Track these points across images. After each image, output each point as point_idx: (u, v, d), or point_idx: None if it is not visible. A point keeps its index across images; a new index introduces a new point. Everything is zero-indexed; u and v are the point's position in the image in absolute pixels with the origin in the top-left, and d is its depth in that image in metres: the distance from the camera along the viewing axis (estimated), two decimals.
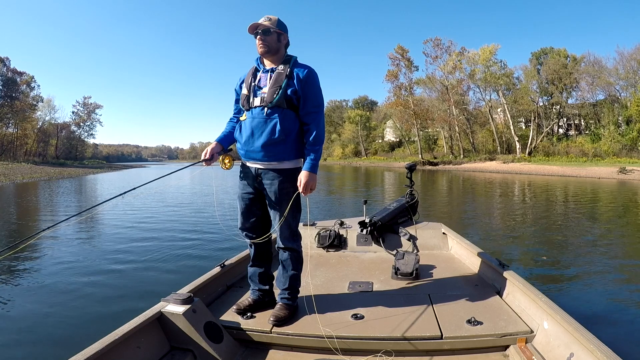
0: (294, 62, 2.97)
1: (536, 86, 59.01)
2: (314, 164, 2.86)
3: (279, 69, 2.91)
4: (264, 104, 2.85)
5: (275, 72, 2.91)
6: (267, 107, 2.84)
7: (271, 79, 2.89)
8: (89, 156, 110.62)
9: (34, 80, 78.11)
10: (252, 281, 3.16)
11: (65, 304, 5.40)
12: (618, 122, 50.16)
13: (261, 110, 2.86)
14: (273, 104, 2.82)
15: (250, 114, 2.91)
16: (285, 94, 2.83)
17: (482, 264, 3.86)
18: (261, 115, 2.85)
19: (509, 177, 36.38)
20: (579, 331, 2.23)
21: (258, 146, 2.86)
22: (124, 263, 7.38)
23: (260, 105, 2.86)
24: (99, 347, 2.13)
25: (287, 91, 2.83)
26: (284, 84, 2.84)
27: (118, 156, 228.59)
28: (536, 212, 14.02)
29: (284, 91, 2.83)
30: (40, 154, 79.05)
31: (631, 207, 15.51)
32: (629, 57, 50.76)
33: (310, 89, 2.88)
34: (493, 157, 58.00)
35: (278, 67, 2.93)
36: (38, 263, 7.48)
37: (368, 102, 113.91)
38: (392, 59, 71.59)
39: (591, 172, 36.59)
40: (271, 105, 2.83)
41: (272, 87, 2.85)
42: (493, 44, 61.66)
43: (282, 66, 2.92)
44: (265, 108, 2.84)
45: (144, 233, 10.37)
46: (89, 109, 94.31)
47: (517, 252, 8.21)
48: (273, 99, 2.82)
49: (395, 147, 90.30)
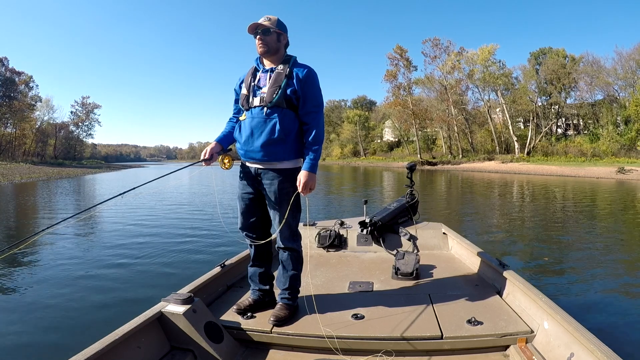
0: (294, 62, 2.96)
1: (535, 86, 59.13)
2: (313, 163, 2.85)
3: (278, 68, 2.91)
4: (264, 103, 2.85)
5: (274, 72, 2.90)
6: (266, 107, 2.84)
7: (270, 78, 2.89)
8: (87, 156, 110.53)
9: (33, 80, 78.22)
10: (252, 281, 3.15)
11: (65, 304, 5.39)
12: (617, 122, 50.27)
13: (261, 110, 2.85)
14: (272, 104, 2.82)
15: (249, 113, 2.91)
16: (284, 93, 2.82)
17: (482, 264, 3.86)
18: (261, 115, 2.85)
19: (508, 177, 36.43)
20: (579, 331, 2.23)
21: (258, 146, 2.85)
22: (124, 263, 7.37)
23: (260, 105, 2.86)
24: (99, 347, 2.13)
25: (286, 91, 2.83)
26: (283, 83, 2.84)
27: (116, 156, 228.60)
28: (536, 212, 14.03)
29: (283, 91, 2.82)
30: (38, 154, 78.89)
31: (630, 207, 15.54)
32: (628, 57, 50.88)
33: (309, 88, 2.88)
34: (492, 157, 58.08)
35: (277, 67, 2.92)
36: (38, 263, 7.47)
37: (367, 102, 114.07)
38: (390, 58, 71.69)
39: (590, 172, 36.66)
40: (270, 105, 2.83)
41: (272, 87, 2.85)
42: (492, 44, 61.90)
43: (281, 66, 2.92)
44: (265, 108, 2.84)
45: (144, 233, 10.36)
46: (87, 108, 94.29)
47: (517, 252, 8.22)
48: (272, 98, 2.82)
49: (394, 147, 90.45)
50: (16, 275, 6.70)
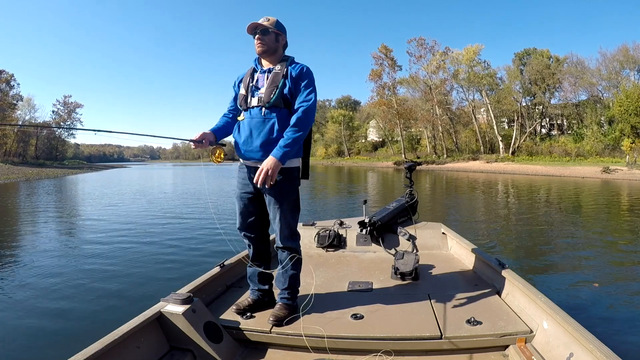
0: (290, 62, 2.97)
1: (519, 86, 59.88)
2: (284, 151, 2.70)
3: (276, 69, 2.91)
4: (262, 104, 2.85)
5: (272, 73, 2.91)
6: (264, 107, 2.84)
7: (268, 79, 2.90)
8: (70, 156, 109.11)
9: (14, 78, 76.74)
10: (251, 281, 3.14)
11: (65, 304, 5.38)
12: (600, 122, 51.04)
13: (259, 111, 2.86)
14: (270, 104, 2.83)
15: (248, 114, 2.92)
16: (282, 93, 2.83)
17: (481, 264, 3.87)
18: (259, 115, 2.85)
19: (493, 177, 36.77)
20: (578, 331, 2.24)
21: (257, 146, 2.85)
22: (124, 263, 7.36)
23: (258, 105, 2.87)
24: (99, 347, 2.12)
25: (283, 91, 2.84)
26: (280, 83, 2.84)
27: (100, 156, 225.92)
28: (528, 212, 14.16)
29: (280, 91, 2.83)
30: (20, 155, 77.61)
31: (622, 206, 15.80)
32: (612, 58, 51.80)
33: (302, 83, 2.87)
34: (476, 156, 58.66)
35: (275, 67, 2.93)
36: (37, 263, 7.43)
37: (351, 102, 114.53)
38: (375, 58, 72.13)
39: (575, 171, 37.19)
40: (268, 105, 2.83)
41: (269, 87, 2.85)
42: (477, 44, 62.57)
43: (279, 66, 2.92)
44: (263, 108, 2.85)
45: (143, 233, 10.38)
46: (69, 108, 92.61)
47: (516, 252, 8.26)
48: (270, 99, 2.82)
49: (379, 146, 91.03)
50: (16, 275, 6.69)
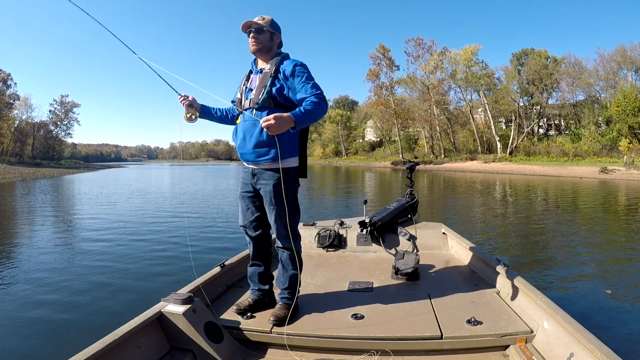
0: (282, 59, 2.93)
1: (517, 86, 59.92)
2: (300, 115, 2.59)
3: (266, 68, 2.91)
4: (252, 105, 2.86)
5: (262, 73, 2.91)
6: (254, 109, 2.85)
7: (259, 79, 2.90)
8: (67, 156, 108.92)
9: (11, 77, 76.35)
10: (251, 281, 3.13)
11: (65, 304, 5.38)
12: (598, 123, 51.09)
13: (250, 112, 2.87)
14: (259, 105, 2.83)
15: (242, 116, 2.93)
16: (270, 93, 2.82)
17: (482, 264, 3.87)
18: (250, 117, 2.86)
19: (490, 177, 36.78)
20: (579, 331, 2.24)
21: (250, 148, 2.86)
22: (124, 263, 7.36)
23: (250, 107, 2.88)
24: (99, 347, 2.11)
25: (272, 90, 2.82)
26: (268, 83, 2.83)
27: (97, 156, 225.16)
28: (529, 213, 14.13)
29: (269, 91, 2.82)
30: (16, 154, 77.48)
31: (622, 206, 15.82)
32: (609, 59, 51.82)
33: (299, 79, 2.79)
34: (474, 156, 58.70)
35: (266, 67, 2.93)
36: (36, 263, 7.42)
37: (349, 101, 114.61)
38: (373, 58, 72.15)
39: (572, 171, 37.20)
40: (257, 107, 2.83)
41: (258, 88, 2.86)
42: (475, 44, 62.64)
43: (268, 65, 2.92)
44: (254, 110, 2.85)
45: (144, 233, 10.36)
46: (66, 107, 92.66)
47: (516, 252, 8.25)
48: (259, 99, 2.83)
49: (376, 146, 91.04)
50: (15, 275, 6.68)
